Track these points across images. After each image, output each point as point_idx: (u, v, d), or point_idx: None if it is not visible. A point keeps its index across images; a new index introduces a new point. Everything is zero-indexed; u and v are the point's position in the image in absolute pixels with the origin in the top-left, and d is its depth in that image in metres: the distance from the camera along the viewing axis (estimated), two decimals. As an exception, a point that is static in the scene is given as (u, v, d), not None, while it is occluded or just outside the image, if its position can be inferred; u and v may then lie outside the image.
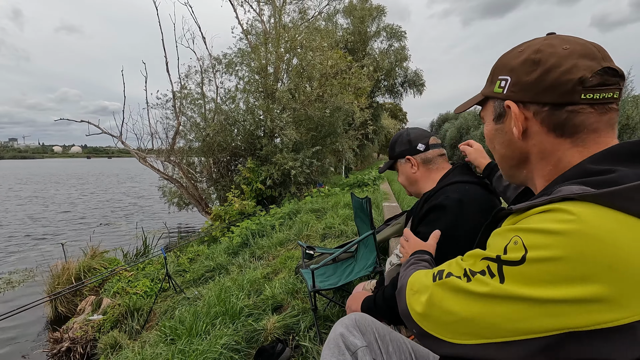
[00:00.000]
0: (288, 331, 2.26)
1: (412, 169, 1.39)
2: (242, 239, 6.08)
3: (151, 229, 12.06)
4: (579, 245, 0.45)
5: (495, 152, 0.73)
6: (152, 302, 4.43)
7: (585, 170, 0.56)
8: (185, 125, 11.59)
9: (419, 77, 27.32)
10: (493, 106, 0.70)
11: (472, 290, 0.54)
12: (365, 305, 1.27)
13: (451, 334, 0.57)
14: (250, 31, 12.43)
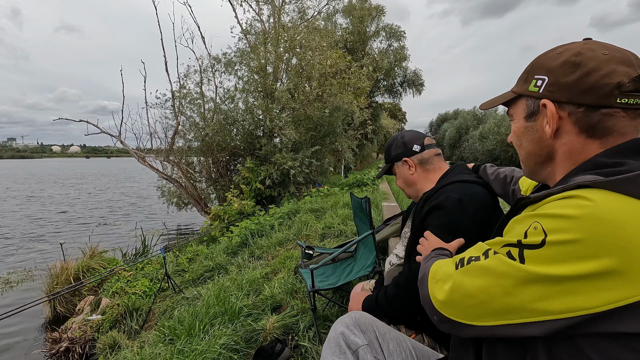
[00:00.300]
0: (287, 331, 2.26)
1: (410, 170, 1.37)
2: (241, 238, 6.07)
3: (150, 229, 12.05)
4: (593, 227, 0.49)
5: (522, 148, 0.75)
6: (151, 302, 4.42)
7: (597, 162, 0.61)
8: (184, 125, 11.58)
9: (418, 77, 27.34)
10: (525, 104, 0.72)
11: (493, 270, 0.58)
12: (366, 305, 1.26)
13: (472, 317, 0.61)
14: (249, 31, 12.42)
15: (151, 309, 4.33)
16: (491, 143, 30.67)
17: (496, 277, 0.57)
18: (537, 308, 0.53)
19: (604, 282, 0.48)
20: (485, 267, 0.60)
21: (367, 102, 15.27)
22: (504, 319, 0.57)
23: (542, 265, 0.52)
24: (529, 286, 0.53)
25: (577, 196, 0.53)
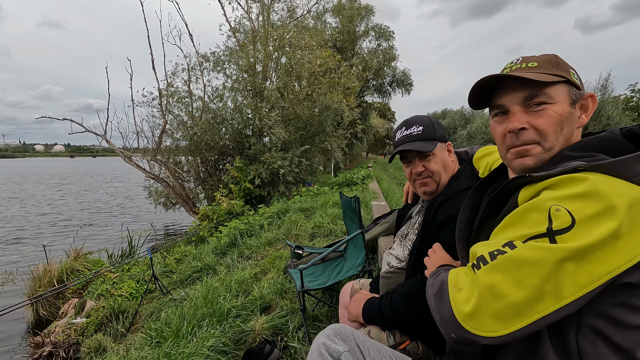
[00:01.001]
0: (276, 332, 2.24)
1: (451, 156, 1.31)
2: (230, 238, 6.02)
3: (137, 230, 11.84)
4: (602, 198, 0.58)
5: (562, 134, 0.75)
6: (137, 304, 4.34)
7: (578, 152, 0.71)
8: (172, 124, 11.42)
9: (407, 76, 27.54)
10: (568, 90, 0.76)
11: (528, 258, 0.59)
12: (368, 312, 1.22)
13: (500, 325, 0.60)
14: (238, 29, 12.31)
15: (138, 311, 4.25)
16: (479, 142, 31.17)
17: (532, 265, 0.58)
18: (577, 282, 0.57)
19: (623, 239, 0.56)
20: (517, 257, 0.59)
21: (356, 101, 15.31)
22: (537, 313, 0.58)
23: (574, 240, 0.57)
24: (568, 265, 0.57)
25: (582, 178, 0.61)
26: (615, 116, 15.20)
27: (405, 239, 1.34)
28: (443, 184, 1.27)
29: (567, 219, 0.58)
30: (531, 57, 0.79)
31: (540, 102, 0.75)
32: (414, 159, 1.29)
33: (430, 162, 1.26)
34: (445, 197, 1.20)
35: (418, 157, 1.28)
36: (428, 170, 1.26)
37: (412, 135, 1.26)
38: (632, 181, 0.60)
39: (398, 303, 1.14)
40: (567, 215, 0.59)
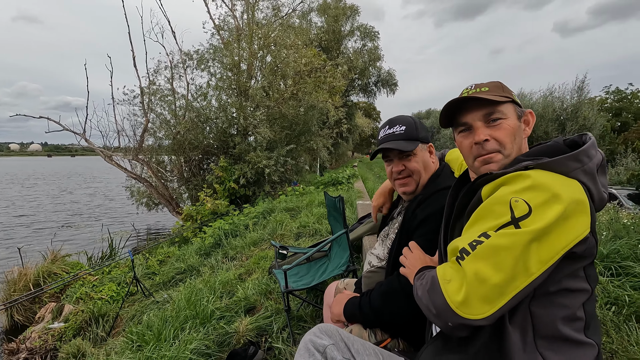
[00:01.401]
0: (261, 333, 2.22)
1: (432, 157, 1.32)
2: (215, 239, 5.95)
3: (118, 231, 11.56)
4: (547, 189, 0.72)
5: (515, 144, 0.91)
6: (118, 307, 4.24)
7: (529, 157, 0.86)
8: (154, 123, 11.19)
9: (391, 76, 27.77)
10: (515, 109, 0.93)
11: (501, 244, 0.70)
12: (349, 311, 1.23)
13: (488, 306, 0.69)
14: (222, 27, 12.15)
15: (119, 314, 4.15)
16: (461, 142, 31.62)
17: (505, 249, 0.69)
18: (541, 259, 0.69)
19: (568, 221, 0.70)
20: (493, 244, 0.70)
21: (342, 101, 15.34)
22: (514, 290, 0.69)
23: (535, 223, 0.69)
24: (532, 245, 0.68)
25: (529, 175, 0.75)
26: (591, 117, 15.73)
27: (387, 238, 1.36)
28: (423, 184, 1.29)
29: (525, 207, 0.71)
30: (481, 83, 0.95)
31: (497, 118, 0.90)
32: (395, 157, 1.30)
33: (410, 161, 1.27)
34: (423, 196, 1.22)
35: (399, 156, 1.29)
36: (408, 169, 1.28)
37: (395, 134, 1.27)
38: (569, 176, 0.77)
39: (377, 301, 1.16)
40: (525, 204, 0.71)
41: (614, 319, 1.75)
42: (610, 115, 24.54)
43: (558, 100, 16.69)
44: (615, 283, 2.00)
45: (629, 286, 1.97)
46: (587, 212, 0.73)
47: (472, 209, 0.84)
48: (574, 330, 0.76)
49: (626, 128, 23.12)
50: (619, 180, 13.38)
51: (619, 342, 1.59)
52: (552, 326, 0.75)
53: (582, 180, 0.77)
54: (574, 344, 0.76)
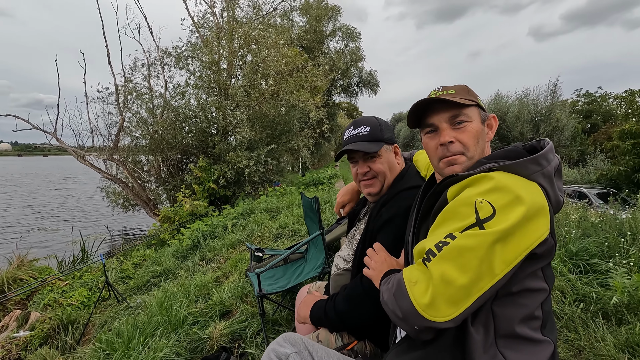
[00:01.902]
0: (235, 338, 2.17)
1: (397, 158, 1.30)
2: (193, 241, 5.82)
3: (92, 234, 11.15)
4: (510, 191, 0.74)
5: (478, 146, 0.93)
6: (89, 314, 4.06)
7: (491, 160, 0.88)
8: (130, 122, 10.85)
9: (373, 77, 28.00)
10: (479, 112, 0.94)
11: (466, 245, 0.70)
12: (315, 315, 1.21)
13: (454, 307, 0.69)
14: (202, 24, 11.91)
15: (89, 320, 3.98)
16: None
17: (470, 250, 0.69)
18: (505, 259, 0.70)
19: (530, 222, 0.72)
20: (458, 246, 0.71)
21: (323, 100, 15.33)
22: (479, 291, 0.69)
23: (499, 224, 0.70)
24: (496, 246, 0.69)
25: (491, 176, 0.77)
26: (564, 119, 16.32)
27: (353, 239, 1.34)
28: (388, 185, 1.27)
29: (489, 209, 0.72)
30: (448, 86, 0.96)
31: (462, 121, 0.92)
32: (360, 159, 1.27)
33: (375, 162, 1.25)
34: (388, 197, 1.21)
35: (363, 158, 1.26)
36: (373, 170, 1.26)
37: (359, 135, 1.25)
38: (529, 178, 0.79)
39: (341, 306, 1.14)
40: (489, 205, 0.72)
41: (582, 315, 1.79)
42: (581, 117, 25.55)
43: (533, 103, 17.24)
44: (584, 280, 2.06)
45: (596, 283, 2.02)
46: (546, 214, 0.74)
47: (437, 210, 0.85)
48: (531, 329, 0.79)
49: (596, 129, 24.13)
50: (589, 179, 13.94)
51: (586, 339, 1.63)
52: (511, 326, 0.76)
53: (541, 183, 0.79)
54: (532, 342, 0.78)
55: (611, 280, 1.89)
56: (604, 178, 12.68)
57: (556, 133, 16.05)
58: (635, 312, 1.71)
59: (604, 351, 1.50)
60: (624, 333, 1.58)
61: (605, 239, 2.41)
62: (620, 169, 11.97)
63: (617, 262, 2.08)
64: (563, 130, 16.12)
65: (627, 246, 2.27)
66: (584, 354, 1.56)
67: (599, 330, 1.65)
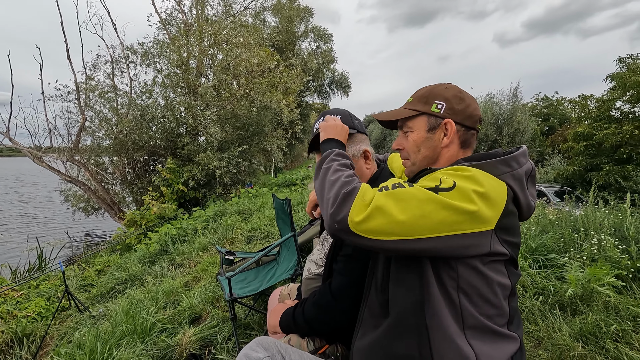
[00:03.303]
0: (205, 344, 2.11)
1: (367, 163, 1.23)
2: (161, 245, 5.61)
3: (50, 240, 10.48)
4: (477, 182, 0.77)
5: (420, 154, 0.97)
6: (47, 325, 3.82)
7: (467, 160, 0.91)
8: (92, 121, 10.31)
9: (345, 79, 28.29)
10: (427, 120, 0.96)
11: (417, 195, 0.75)
12: (284, 323, 1.20)
13: (377, 235, 0.74)
14: (169, 21, 11.54)
15: (47, 332, 3.74)
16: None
17: (419, 200, 0.74)
18: (435, 227, 0.73)
19: (474, 217, 0.74)
20: (410, 192, 0.76)
21: (296, 101, 15.30)
22: (404, 235, 0.73)
23: (452, 199, 0.74)
24: (442, 211, 0.73)
25: (463, 167, 0.81)
26: (524, 121, 17.20)
27: (325, 242, 1.33)
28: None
29: (450, 183, 0.76)
30: (414, 93, 1.02)
31: (406, 131, 0.99)
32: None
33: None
34: None
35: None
36: None
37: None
38: (499, 178, 0.82)
39: (310, 312, 1.13)
40: (452, 182, 0.76)
41: (541, 308, 1.89)
42: (540, 120, 27.05)
43: (496, 106, 18.06)
44: (543, 274, 2.18)
45: (554, 277, 2.15)
46: (496, 215, 0.77)
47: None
48: (498, 325, 0.83)
49: (553, 132, 25.62)
50: (548, 179, 14.78)
51: (545, 330, 1.72)
52: (478, 319, 0.80)
53: (510, 184, 0.82)
54: (499, 336, 0.82)
55: (566, 274, 2.02)
56: (560, 177, 13.48)
57: (517, 135, 16.88)
58: (587, 303, 1.83)
59: (561, 341, 1.59)
60: (578, 323, 1.68)
61: (562, 235, 2.56)
62: (574, 168, 12.77)
63: (572, 257, 2.22)
64: (524, 132, 16.99)
65: (580, 241, 2.43)
66: (543, 344, 1.65)
67: (556, 322, 1.75)
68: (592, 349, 1.54)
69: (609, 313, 1.72)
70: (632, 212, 2.64)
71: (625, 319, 1.66)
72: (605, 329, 1.61)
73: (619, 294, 1.86)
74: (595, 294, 1.84)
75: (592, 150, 12.67)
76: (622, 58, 12.71)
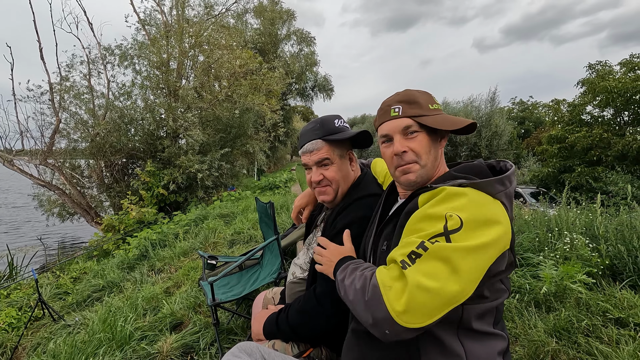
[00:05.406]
0: (187, 351, 2.08)
1: (352, 165, 1.26)
2: (140, 250, 5.47)
3: (22, 247, 10.04)
4: (480, 209, 0.78)
5: (430, 155, 0.96)
6: (18, 336, 3.66)
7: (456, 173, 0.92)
8: (67, 123, 9.97)
9: (328, 82, 28.44)
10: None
11: (436, 255, 0.72)
12: (267, 330, 1.19)
13: (427, 316, 0.71)
14: (149, 22, 11.31)
15: (19, 343, 3.58)
16: (393, 146, 33.54)
17: (441, 260, 0.72)
18: (474, 273, 0.73)
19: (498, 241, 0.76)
20: (429, 257, 0.73)
21: (279, 104, 15.26)
22: (450, 302, 0.71)
23: (466, 240, 0.73)
24: (464, 259, 0.72)
25: (464, 192, 0.81)
26: (501, 124, 17.75)
27: (310, 247, 1.34)
28: (342, 193, 1.25)
29: (457, 223, 0.75)
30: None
31: (414, 131, 0.94)
32: (313, 165, 1.25)
33: (328, 169, 1.22)
34: (343, 205, 1.21)
35: (317, 165, 1.23)
36: (326, 178, 1.23)
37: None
38: (494, 197, 0.83)
39: (294, 319, 1.13)
40: (458, 219, 0.76)
41: (517, 305, 1.96)
42: (516, 124, 27.97)
43: (475, 109, 18.55)
44: (519, 273, 2.25)
45: (529, 275, 2.22)
46: (508, 232, 0.80)
47: (408, 213, 0.89)
48: (487, 324, 0.86)
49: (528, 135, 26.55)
50: (524, 180, 15.29)
51: (521, 327, 1.78)
52: (470, 320, 0.82)
53: (503, 202, 0.84)
54: (488, 335, 0.85)
55: (541, 272, 2.09)
56: (535, 179, 13.97)
57: (495, 138, 17.39)
58: (561, 300, 1.91)
59: (536, 337, 1.65)
60: (552, 319, 1.75)
61: (537, 234, 2.66)
62: (548, 170, 13.27)
63: (546, 255, 2.30)
64: (501, 136, 17.51)
65: (554, 240, 2.52)
66: (520, 341, 1.71)
67: (532, 318, 1.81)
68: (565, 344, 1.60)
69: (580, 309, 1.80)
70: (601, 212, 2.77)
71: (596, 315, 1.74)
72: (577, 325, 1.68)
73: (590, 291, 1.95)
74: (568, 291, 1.91)
75: (565, 152, 13.19)
76: (592, 64, 13.33)
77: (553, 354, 1.56)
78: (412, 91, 0.98)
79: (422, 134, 0.94)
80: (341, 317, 1.05)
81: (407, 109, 0.94)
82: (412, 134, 0.94)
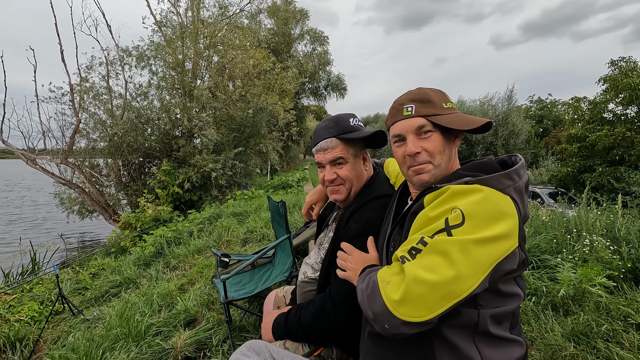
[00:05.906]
0: (200, 347, 2.11)
1: (366, 165, 1.26)
2: (156, 248, 5.59)
3: (44, 243, 10.38)
4: (484, 204, 0.76)
5: (445, 154, 0.94)
6: (40, 329, 3.78)
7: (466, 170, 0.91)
8: (87, 123, 10.25)
9: (341, 81, 28.41)
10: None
11: (436, 249, 0.72)
12: (276, 333, 1.18)
13: (426, 309, 0.70)
14: (165, 23, 11.51)
15: (40, 336, 3.71)
16: (407, 145, 33.23)
17: (439, 254, 0.71)
18: (475, 267, 0.71)
19: (505, 238, 0.73)
20: (428, 251, 0.73)
21: (292, 104, 15.32)
22: (451, 299, 0.70)
23: (467, 234, 0.72)
24: (466, 253, 0.71)
25: (475, 189, 0.79)
26: (519, 123, 17.38)
27: (322, 247, 1.33)
28: (355, 192, 1.24)
29: (459, 218, 0.74)
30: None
31: (427, 130, 0.93)
32: (327, 164, 1.24)
33: (342, 168, 1.22)
34: (357, 206, 1.19)
35: (330, 163, 1.23)
36: (340, 177, 1.22)
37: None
38: (503, 192, 0.81)
39: (307, 321, 1.12)
40: (460, 214, 0.75)
41: (534, 308, 1.91)
42: (534, 122, 27.32)
43: (492, 108, 18.21)
44: (536, 275, 2.20)
45: (546, 277, 2.17)
46: (515, 227, 0.77)
47: (414, 213, 0.88)
48: (503, 329, 0.83)
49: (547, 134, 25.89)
50: (542, 180, 14.92)
51: (537, 330, 1.74)
52: (486, 325, 0.80)
53: (513, 196, 0.81)
54: (506, 340, 0.83)
55: (559, 275, 2.04)
56: (554, 179, 13.61)
57: (512, 137, 17.04)
58: (579, 303, 1.85)
59: (553, 341, 1.61)
60: (569, 323, 1.70)
61: (554, 236, 2.59)
62: (568, 170, 12.90)
63: (565, 257, 2.24)
64: (519, 134, 17.15)
65: (572, 242, 2.45)
66: (536, 345, 1.67)
67: (549, 322, 1.77)
68: (583, 349, 1.56)
69: (600, 313, 1.74)
70: (623, 213, 2.67)
71: (616, 319, 1.68)
72: (596, 329, 1.63)
73: (610, 294, 1.89)
74: (587, 294, 1.86)
75: (585, 152, 12.81)
76: (614, 61, 12.88)
77: (571, 359, 1.52)
78: (425, 89, 0.96)
79: (436, 133, 0.92)
80: (356, 319, 1.05)
81: (420, 108, 0.92)
82: (425, 134, 0.92)
